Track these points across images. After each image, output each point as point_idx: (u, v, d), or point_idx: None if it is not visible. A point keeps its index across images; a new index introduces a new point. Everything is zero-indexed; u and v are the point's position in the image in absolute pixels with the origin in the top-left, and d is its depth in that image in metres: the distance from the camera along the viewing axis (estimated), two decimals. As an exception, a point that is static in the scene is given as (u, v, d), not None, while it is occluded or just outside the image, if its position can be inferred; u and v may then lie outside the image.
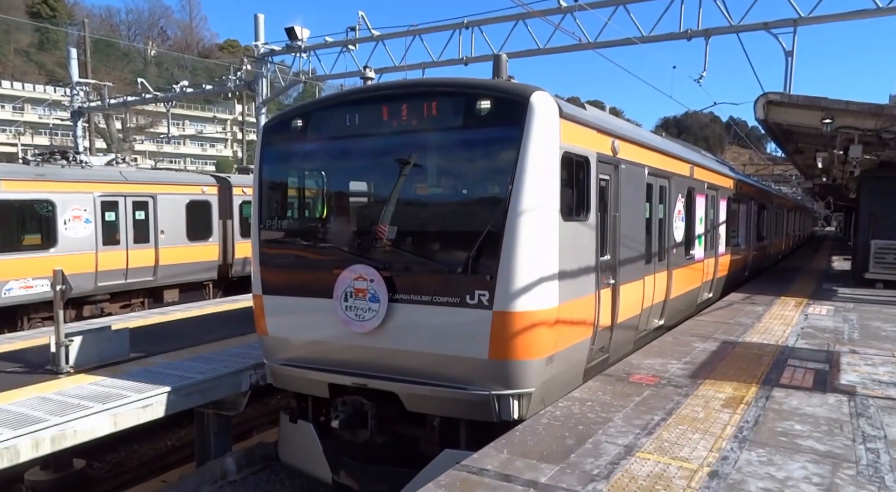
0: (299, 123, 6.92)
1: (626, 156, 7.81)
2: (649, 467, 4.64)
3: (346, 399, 6.52)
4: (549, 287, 5.90)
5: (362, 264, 6.22)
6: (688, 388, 6.67)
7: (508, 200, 5.71)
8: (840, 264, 23.66)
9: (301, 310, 6.72)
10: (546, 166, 5.87)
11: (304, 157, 7.18)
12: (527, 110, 5.78)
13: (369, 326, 6.17)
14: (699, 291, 12.05)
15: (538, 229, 5.80)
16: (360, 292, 6.20)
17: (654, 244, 9.16)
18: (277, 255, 7.04)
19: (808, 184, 28.74)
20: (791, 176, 45.09)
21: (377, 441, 6.53)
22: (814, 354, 8.33)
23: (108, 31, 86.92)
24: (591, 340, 6.94)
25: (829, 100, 11.65)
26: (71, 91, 27.31)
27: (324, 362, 6.66)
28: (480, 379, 5.86)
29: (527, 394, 5.89)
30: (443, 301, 5.88)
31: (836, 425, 5.56)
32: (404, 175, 6.34)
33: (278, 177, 7.36)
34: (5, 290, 13.04)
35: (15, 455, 5.73)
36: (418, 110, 6.23)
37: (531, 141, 5.75)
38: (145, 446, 10.10)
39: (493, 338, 5.71)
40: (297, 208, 7.49)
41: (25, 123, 65.59)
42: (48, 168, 14.63)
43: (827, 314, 11.59)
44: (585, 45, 16.65)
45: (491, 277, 5.68)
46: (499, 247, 5.68)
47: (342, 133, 6.70)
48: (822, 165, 16.61)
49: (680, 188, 10.38)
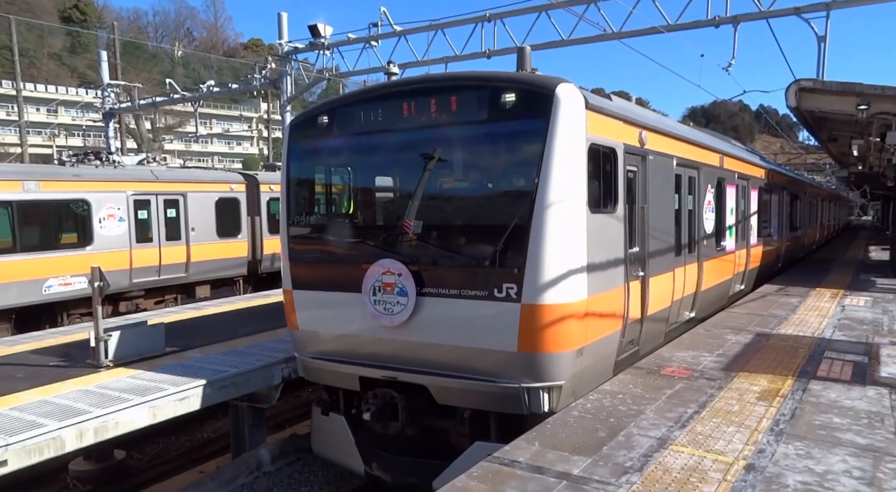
0: (325, 119, 6.99)
1: (654, 147, 7.71)
2: (683, 460, 4.60)
3: (377, 392, 6.58)
4: (578, 280, 5.87)
5: (390, 259, 6.26)
6: (721, 381, 6.58)
7: (535, 192, 5.69)
8: (877, 254, 23.00)
9: (330, 304, 6.80)
10: (573, 158, 5.84)
11: (330, 153, 7.23)
12: (552, 102, 5.74)
13: (398, 319, 6.22)
14: (731, 283, 11.85)
15: (565, 222, 5.77)
16: (388, 286, 6.24)
17: (683, 236, 9.04)
18: (306, 250, 7.11)
19: (843, 173, 27.91)
20: (825, 165, 43.94)
21: (408, 433, 6.58)
22: (852, 346, 8.13)
23: (136, 34, 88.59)
24: (621, 333, 6.89)
25: (865, 85, 11.31)
26: (102, 93, 27.92)
27: (354, 356, 6.73)
28: (510, 372, 5.86)
29: (557, 387, 5.89)
30: (471, 295, 5.90)
31: (877, 419, 5.43)
32: (430, 170, 6.36)
33: (305, 173, 7.43)
34: (45, 287, 13.46)
35: (60, 446, 5.93)
36: (443, 105, 6.24)
37: (557, 133, 5.71)
38: (182, 438, 10.35)
39: (521, 331, 5.71)
40: (324, 204, 7.59)
41: (59, 124, 67.36)
42: (83, 169, 15.02)
43: (865, 305, 11.30)
44: (610, 36, 16.42)
45: (519, 271, 5.68)
46: (526, 240, 5.67)
47: (367, 129, 6.74)
48: (857, 152, 16.13)
49: (709, 179, 10.19)
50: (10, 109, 64.28)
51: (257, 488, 7.73)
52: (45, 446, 5.83)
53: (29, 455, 5.73)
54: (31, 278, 13.21)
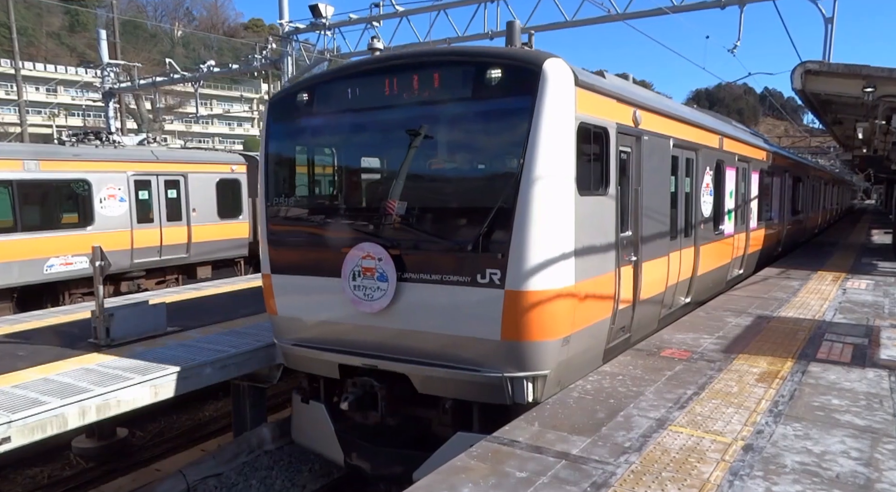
0: (305, 97, 6.68)
1: (649, 127, 7.44)
2: (682, 440, 4.62)
3: (356, 380, 6.39)
4: (565, 265, 5.66)
5: (370, 242, 6.03)
6: (721, 362, 6.60)
7: (520, 174, 5.44)
8: (880, 238, 22.96)
9: (310, 290, 6.56)
10: (560, 138, 5.58)
11: (310, 132, 6.95)
12: (539, 78, 5.46)
13: (378, 306, 6.01)
14: (729, 268, 11.67)
15: (552, 205, 5.53)
16: (368, 271, 6.02)
17: (679, 219, 8.81)
18: (285, 233, 6.87)
19: (847, 156, 27.79)
20: (829, 148, 43.68)
21: (388, 423, 6.41)
22: (852, 328, 8.14)
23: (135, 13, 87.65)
24: (612, 320, 6.70)
25: (871, 67, 11.18)
26: (101, 72, 27.71)
27: (334, 343, 6.52)
28: (493, 361, 5.68)
29: (541, 376, 5.71)
30: (453, 280, 5.68)
31: (876, 400, 5.45)
32: (412, 149, 6.12)
33: (285, 153, 7.16)
34: (47, 266, 13.48)
35: (63, 423, 5.98)
36: (426, 81, 5.96)
37: (544, 111, 5.45)
38: (184, 417, 10.45)
39: (505, 318, 5.52)
40: (304, 185, 7.30)
41: (59, 104, 66.99)
42: (83, 148, 14.95)
43: (866, 289, 11.29)
44: (614, 17, 16.22)
45: (503, 256, 5.47)
46: (510, 223, 5.44)
47: (348, 106, 6.47)
48: (862, 135, 16.05)
49: (708, 161, 9.94)
50: (10, 89, 63.89)
51: (258, 466, 7.82)
52: (47, 424, 5.87)
53: (32, 432, 5.77)
54: (33, 258, 13.24)
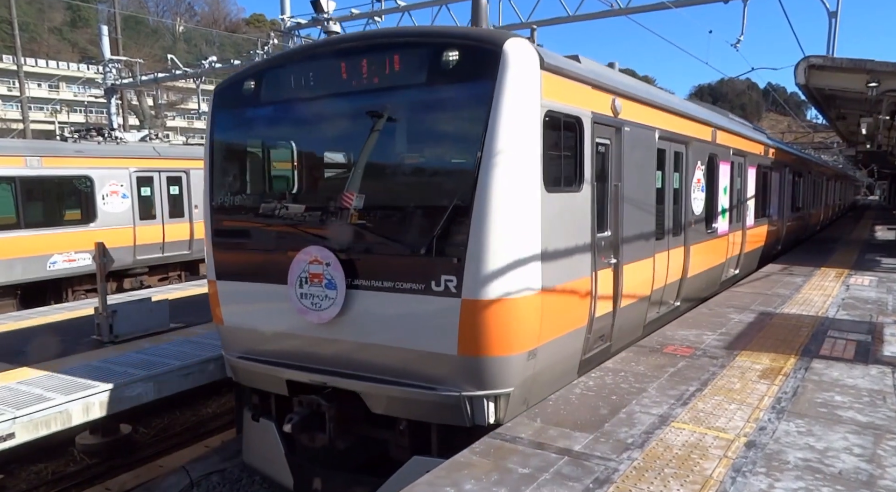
0: (252, 84, 6.12)
1: (631, 117, 6.91)
2: (685, 437, 4.62)
3: (303, 399, 5.81)
4: (530, 270, 5.12)
5: (317, 246, 5.45)
6: (724, 359, 6.59)
7: (478, 168, 4.89)
8: (884, 234, 22.91)
9: (257, 297, 5.99)
10: (523, 128, 5.04)
11: (257, 123, 6.40)
12: (499, 61, 4.90)
13: (326, 316, 5.44)
14: (723, 268, 11.19)
15: (514, 202, 4.99)
16: (315, 278, 5.46)
17: (667, 217, 8.29)
18: (231, 235, 6.29)
19: (851, 151, 27.73)
20: (832, 143, 43.52)
21: (339, 446, 5.86)
22: (855, 325, 8.13)
23: (136, 8, 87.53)
24: (587, 329, 6.18)
25: (875, 62, 11.13)
26: (103, 68, 27.68)
27: (282, 357, 5.96)
28: (450, 378, 5.12)
29: (504, 395, 5.17)
30: (406, 288, 5.13)
31: (879, 397, 5.44)
32: (363, 142, 5.59)
33: (229, 146, 6.58)
34: (50, 263, 13.51)
35: (67, 419, 6.01)
36: (378, 66, 5.37)
37: (504, 97, 4.89)
38: (188, 413, 10.47)
39: (462, 330, 4.96)
40: (250, 182, 6.70)
41: (61, 100, 67.06)
42: (85, 145, 14.97)
43: (869, 285, 11.27)
44: (617, 12, 16.14)
45: (458, 260, 4.90)
46: (467, 224, 4.87)
47: (296, 95, 5.89)
48: (866, 131, 15.98)
49: (699, 154, 9.40)
50: (12, 85, 63.95)
51: (262, 461, 7.83)
52: (52, 420, 5.90)
53: (36, 428, 5.81)
54: (36, 255, 13.26)
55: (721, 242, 10.85)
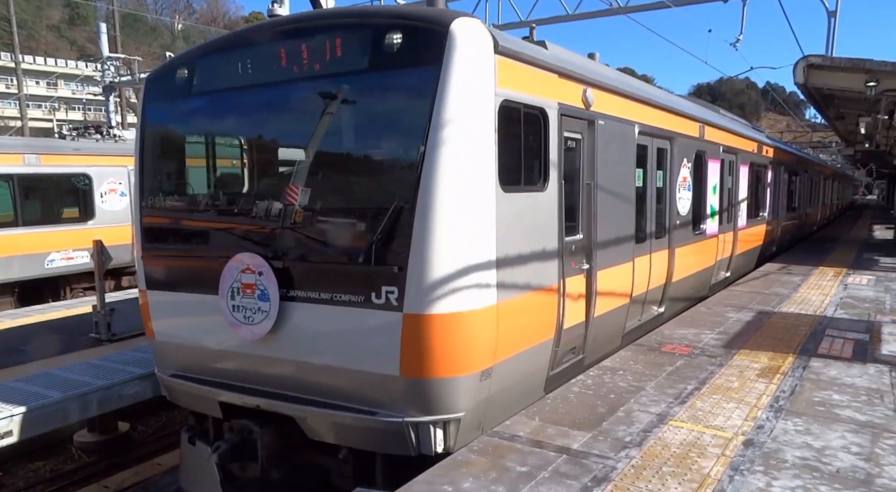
0: (184, 73, 5.58)
1: (607, 109, 6.44)
2: (682, 435, 4.63)
3: (233, 424, 5.29)
4: (482, 279, 4.60)
5: (249, 253, 4.92)
6: (722, 358, 6.60)
7: (421, 165, 4.35)
8: (882, 233, 22.96)
9: (189, 309, 5.47)
10: (473, 119, 4.50)
11: (189, 115, 5.84)
12: (445, 43, 4.37)
13: (259, 331, 4.92)
14: (712, 271, 10.72)
15: (462, 204, 4.45)
16: (248, 288, 4.95)
17: (649, 219, 7.84)
18: (162, 240, 5.75)
19: (849, 151, 27.79)
20: (831, 143, 43.62)
21: (273, 476, 5.31)
22: (853, 324, 8.14)
23: (135, 6, 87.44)
24: (555, 342, 5.67)
25: (874, 61, 11.16)
26: (102, 66, 27.63)
27: (216, 376, 5.43)
28: (392, 402, 4.60)
29: (454, 420, 4.63)
30: (344, 300, 4.61)
31: (877, 395, 5.45)
32: (302, 136, 5.15)
33: (162, 141, 6.02)
34: (48, 261, 13.50)
35: (64, 416, 6.01)
36: (317, 51, 4.85)
37: (450, 84, 4.35)
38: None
39: (405, 349, 4.44)
40: (182, 180, 6.16)
41: (59, 98, 66.94)
42: (84, 143, 14.95)
43: (867, 284, 11.29)
44: (617, 10, 16.14)
45: (400, 269, 4.37)
46: (409, 228, 4.35)
47: (231, 84, 5.34)
48: (864, 130, 16.01)
49: (685, 151, 8.91)
50: (10, 82, 63.84)
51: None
52: (49, 417, 5.90)
53: (34, 426, 5.80)
54: (34, 252, 13.24)
55: (710, 244, 10.42)
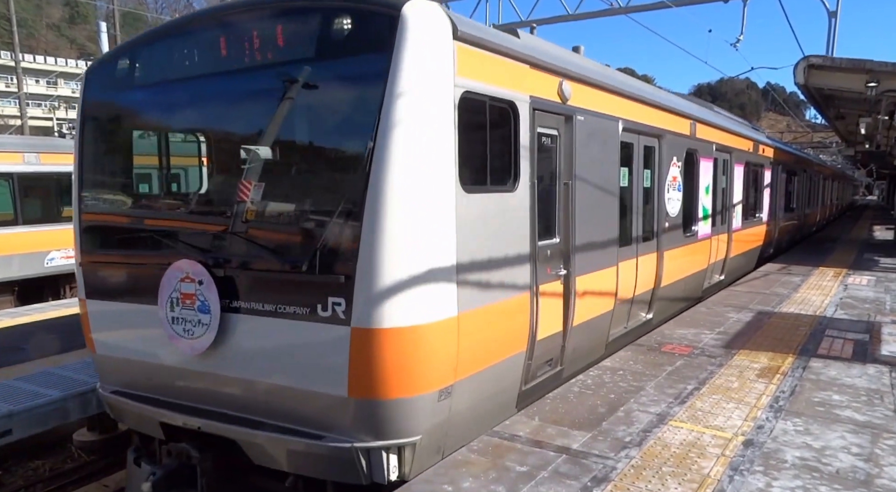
0: (126, 63, 5.14)
1: (586, 104, 6.07)
2: (682, 435, 4.63)
3: (171, 448, 4.86)
4: (440, 289, 4.19)
5: (188, 260, 4.50)
6: (722, 358, 6.60)
7: (369, 163, 3.92)
8: (882, 234, 22.97)
9: (130, 321, 5.05)
10: (428, 112, 4.09)
11: (130, 109, 5.42)
12: (397, 28, 3.96)
13: (200, 345, 4.50)
14: (705, 275, 10.35)
15: (417, 206, 4.03)
16: (188, 298, 4.56)
17: (634, 221, 7.46)
18: (102, 244, 5.32)
19: (850, 151, 27.78)
20: (831, 143, 43.65)
21: None
22: (853, 324, 8.15)
23: (135, 5, 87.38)
24: (527, 354, 5.29)
25: (875, 62, 11.16)
26: (102, 65, 27.64)
27: (157, 393, 5.01)
28: (341, 425, 4.18)
29: (409, 445, 4.21)
30: (289, 313, 4.21)
31: (877, 396, 5.45)
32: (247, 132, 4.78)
33: (101, 137, 5.59)
34: (47, 260, 13.50)
35: (64, 415, 6.01)
36: (263, 38, 4.45)
37: (401, 73, 3.95)
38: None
39: (353, 367, 4.02)
40: (122, 179, 5.71)
41: (59, 97, 66.90)
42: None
43: (867, 284, 11.30)
44: (617, 10, 16.13)
45: (347, 278, 3.94)
46: (357, 233, 3.93)
47: (174, 75, 4.92)
48: (865, 131, 16.01)
49: (675, 150, 8.55)
50: (10, 81, 63.87)
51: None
52: (49, 416, 5.90)
53: (33, 425, 5.80)
54: (33, 251, 13.25)
55: (702, 247, 10.04)
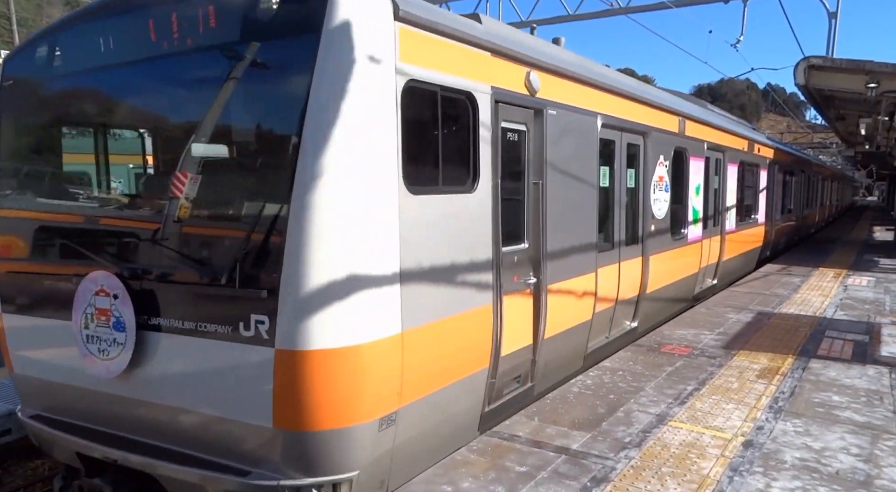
0: (44, 50, 4.70)
1: (559, 97, 5.60)
2: (682, 436, 4.63)
3: (83, 483, 4.41)
4: (380, 304, 3.72)
5: (102, 271, 4.02)
6: (721, 358, 6.60)
7: (295, 161, 3.44)
8: (882, 235, 22.98)
9: (47, 338, 4.57)
10: (363, 103, 3.59)
11: (50, 100, 4.87)
12: (325, 7, 3.50)
13: (115, 367, 4.02)
14: (696, 279, 9.91)
15: (349, 209, 3.53)
16: (102, 315, 4.07)
17: (616, 223, 7.02)
18: (16, 251, 4.81)
19: (850, 152, 27.78)
20: (831, 144, 43.66)
21: None
22: (853, 325, 8.15)
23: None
24: (490, 372, 4.83)
25: (875, 63, 11.17)
26: (102, 65, 27.64)
27: (77, 418, 4.55)
28: (269, 459, 3.70)
29: (345, 481, 3.74)
30: (209, 331, 3.74)
31: (876, 397, 5.45)
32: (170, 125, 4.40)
33: (17, 131, 5.07)
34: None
35: (64, 416, 5.97)
36: (189, 20, 3.98)
37: (330, 58, 3.47)
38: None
39: (278, 394, 3.53)
40: (39, 179, 5.20)
41: (60, 97, 66.99)
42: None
43: (867, 285, 11.30)
44: (617, 11, 16.13)
45: (270, 293, 3.46)
46: (281, 241, 3.45)
47: (97, 63, 4.43)
48: (865, 131, 16.01)
49: (662, 148, 8.09)
50: (10, 81, 63.90)
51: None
52: (48, 417, 5.87)
53: (33, 425, 5.78)
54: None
55: (693, 250, 9.56)
